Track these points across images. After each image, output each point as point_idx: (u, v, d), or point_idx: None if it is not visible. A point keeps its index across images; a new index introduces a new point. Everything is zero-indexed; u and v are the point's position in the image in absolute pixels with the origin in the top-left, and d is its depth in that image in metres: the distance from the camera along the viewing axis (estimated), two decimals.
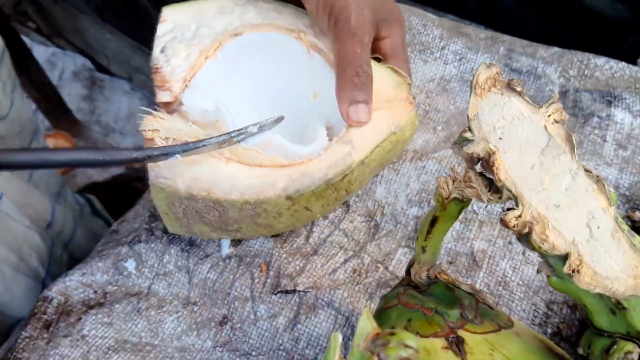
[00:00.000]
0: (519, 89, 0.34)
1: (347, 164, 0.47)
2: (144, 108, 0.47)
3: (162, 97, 0.50)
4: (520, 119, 0.33)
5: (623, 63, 0.69)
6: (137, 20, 1.40)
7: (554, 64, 0.68)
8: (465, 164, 0.34)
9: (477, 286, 0.53)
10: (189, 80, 0.51)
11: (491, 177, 0.33)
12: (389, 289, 0.53)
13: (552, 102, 0.33)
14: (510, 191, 0.32)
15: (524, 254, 0.54)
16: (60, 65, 1.75)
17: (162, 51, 0.52)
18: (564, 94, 0.66)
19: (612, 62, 0.69)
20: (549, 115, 0.33)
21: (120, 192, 1.40)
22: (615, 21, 0.90)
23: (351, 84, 0.47)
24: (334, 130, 0.52)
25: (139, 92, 1.69)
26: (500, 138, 0.33)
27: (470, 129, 0.33)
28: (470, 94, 0.34)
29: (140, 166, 0.44)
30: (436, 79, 0.68)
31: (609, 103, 0.64)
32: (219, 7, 0.54)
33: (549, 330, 0.51)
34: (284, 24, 0.53)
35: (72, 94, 1.71)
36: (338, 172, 0.46)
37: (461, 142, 0.34)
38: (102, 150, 0.40)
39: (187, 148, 0.42)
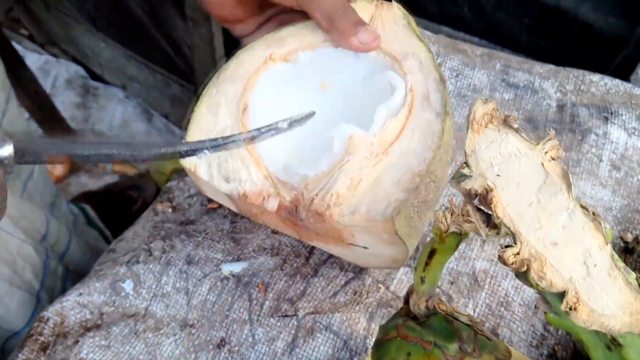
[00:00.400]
0: (515, 125, 0.34)
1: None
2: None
3: None
4: (518, 155, 0.34)
5: (617, 80, 0.69)
6: (131, 29, 1.40)
7: (550, 79, 0.69)
8: (464, 199, 0.35)
9: (479, 307, 0.53)
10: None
11: (489, 212, 0.34)
12: (390, 309, 0.53)
13: (549, 139, 0.34)
14: (508, 228, 0.32)
15: None
16: (53, 73, 1.74)
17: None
18: (561, 108, 0.67)
19: (607, 79, 0.69)
20: (546, 152, 0.34)
21: (114, 201, 1.40)
22: (608, 34, 0.91)
23: (344, 22, 0.48)
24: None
25: (133, 100, 1.69)
26: (497, 175, 0.33)
27: (468, 165, 0.34)
28: (468, 130, 0.35)
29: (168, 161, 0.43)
30: None
31: (606, 119, 0.65)
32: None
33: (545, 352, 0.52)
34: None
35: (65, 102, 1.70)
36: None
37: (459, 177, 0.34)
38: (132, 145, 0.38)
39: (216, 144, 0.41)
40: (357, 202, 0.45)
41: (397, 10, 0.53)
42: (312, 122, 0.50)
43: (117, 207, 1.35)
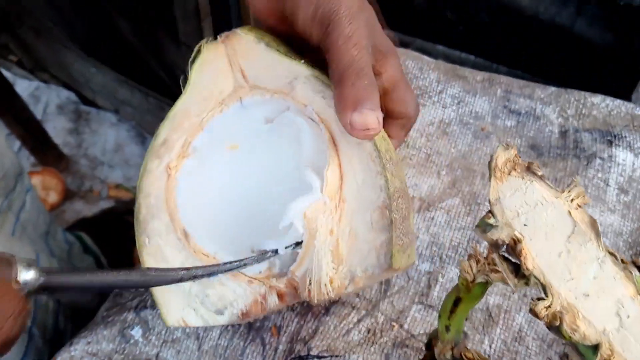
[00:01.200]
0: (539, 173, 0.34)
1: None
2: None
3: None
4: (544, 204, 0.33)
5: (619, 100, 0.69)
6: (123, 53, 1.39)
7: (551, 104, 0.68)
8: (489, 247, 0.34)
9: (495, 343, 0.52)
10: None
11: (517, 262, 0.33)
12: (405, 349, 0.52)
13: (574, 186, 0.33)
14: (538, 280, 0.32)
15: None
16: (44, 99, 1.72)
17: None
18: (564, 134, 0.67)
19: (608, 100, 0.69)
20: (572, 200, 0.33)
21: (110, 227, 1.38)
22: (604, 49, 0.91)
23: (352, 88, 0.41)
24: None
25: (125, 123, 1.68)
26: (525, 224, 0.32)
27: (493, 214, 0.33)
28: (490, 178, 0.34)
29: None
30: (435, 123, 0.67)
31: (610, 143, 0.64)
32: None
33: None
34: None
35: (57, 128, 1.69)
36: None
37: (484, 226, 0.33)
38: (150, 272, 0.40)
39: (230, 267, 0.43)
40: (349, 269, 0.43)
41: (246, 35, 0.49)
42: (244, 196, 0.51)
43: (114, 232, 1.33)
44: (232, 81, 0.49)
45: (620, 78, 0.90)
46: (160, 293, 0.47)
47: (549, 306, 0.31)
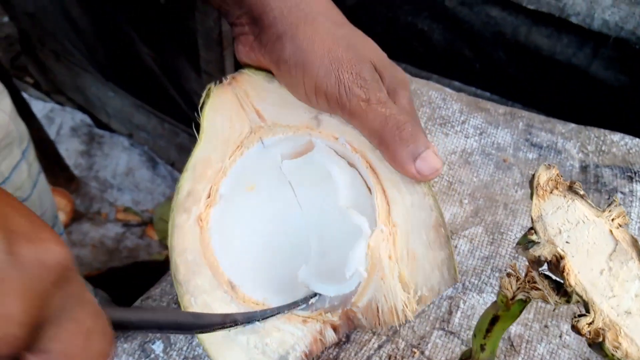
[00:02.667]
0: (581, 192, 0.34)
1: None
2: None
3: None
4: (585, 222, 0.34)
5: (637, 139, 0.70)
6: (141, 79, 1.41)
7: (572, 140, 0.70)
8: (529, 264, 0.34)
9: None
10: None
11: (558, 279, 0.33)
12: None
13: (615, 206, 0.34)
14: (580, 297, 0.32)
15: (560, 337, 0.54)
16: (58, 121, 1.74)
17: None
18: (584, 169, 0.67)
19: (627, 138, 0.70)
20: (613, 219, 0.34)
21: (120, 281, 1.35)
22: (620, 91, 0.93)
23: (401, 143, 0.41)
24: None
25: (138, 148, 1.69)
26: (567, 242, 0.33)
27: (535, 231, 0.34)
28: (532, 195, 0.35)
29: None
30: (457, 152, 0.68)
31: (630, 179, 0.65)
32: None
33: None
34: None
35: (69, 150, 1.70)
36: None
37: (526, 243, 0.34)
38: (195, 315, 0.41)
39: (266, 315, 0.44)
40: (415, 287, 0.44)
41: (254, 75, 0.48)
42: (280, 236, 0.51)
43: (123, 286, 1.29)
44: (248, 122, 0.49)
45: (637, 118, 0.92)
46: (218, 354, 0.44)
47: (591, 323, 0.31)
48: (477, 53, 1.01)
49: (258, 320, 0.43)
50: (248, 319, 0.43)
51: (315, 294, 0.46)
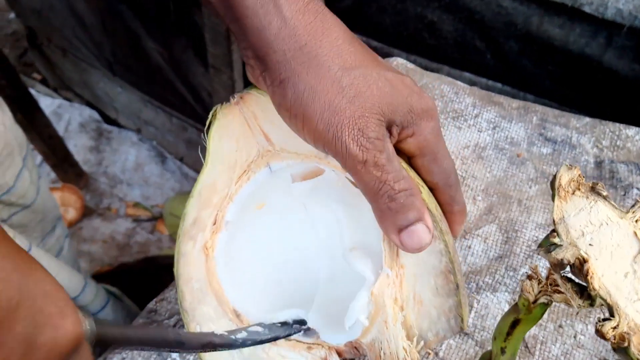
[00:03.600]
0: (604, 193, 0.33)
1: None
2: None
3: None
4: (609, 224, 0.33)
5: None
6: (149, 74, 1.41)
7: (587, 134, 0.68)
8: (551, 267, 0.34)
9: None
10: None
11: (581, 282, 0.33)
12: None
13: (639, 207, 0.33)
14: (604, 300, 0.31)
15: (574, 337, 0.53)
16: (66, 117, 1.74)
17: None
18: (599, 164, 0.66)
19: None
20: (637, 221, 0.33)
21: (131, 276, 1.35)
22: (633, 81, 0.92)
23: (389, 213, 0.39)
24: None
25: (146, 143, 1.69)
26: (590, 244, 0.32)
27: (557, 233, 0.33)
28: (554, 197, 0.34)
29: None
30: (471, 146, 0.68)
31: None
32: None
33: None
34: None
35: (78, 146, 1.70)
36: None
37: (548, 245, 0.33)
38: (200, 336, 0.41)
39: (246, 344, 0.43)
40: (420, 333, 0.43)
41: (263, 95, 0.45)
42: (285, 263, 0.50)
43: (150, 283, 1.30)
44: (256, 146, 0.47)
45: None
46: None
47: (616, 327, 0.30)
48: (489, 44, 1.00)
49: (236, 347, 0.43)
50: (226, 345, 0.42)
51: (302, 325, 0.45)
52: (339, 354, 0.45)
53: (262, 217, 0.50)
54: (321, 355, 0.45)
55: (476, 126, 0.69)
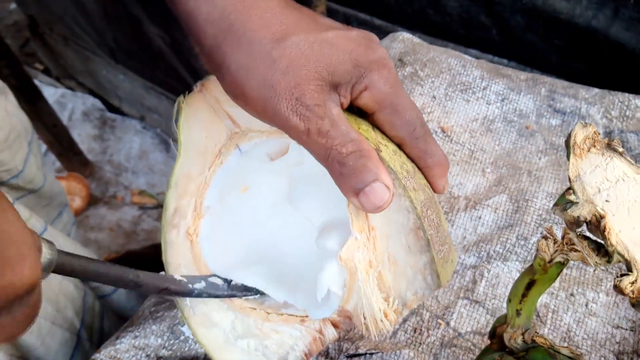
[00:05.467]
0: (620, 149, 0.33)
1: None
2: None
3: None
4: (625, 180, 0.32)
5: None
6: (151, 60, 1.40)
7: (596, 105, 0.68)
8: (567, 226, 0.33)
9: None
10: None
11: (598, 240, 0.32)
12: (454, 349, 0.51)
13: None
14: (622, 256, 0.31)
15: (586, 305, 0.53)
16: (70, 106, 1.74)
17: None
18: (608, 134, 0.66)
19: None
20: None
21: (138, 263, 1.36)
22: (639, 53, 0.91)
23: (342, 178, 0.38)
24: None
25: (150, 130, 1.69)
26: (607, 200, 0.32)
27: (573, 191, 0.32)
28: (569, 155, 0.33)
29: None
30: (479, 119, 0.67)
31: None
32: None
33: None
34: None
35: (82, 135, 1.70)
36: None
37: (564, 204, 0.33)
38: (143, 277, 0.41)
39: (201, 295, 0.45)
40: (398, 295, 0.42)
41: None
42: (270, 240, 0.50)
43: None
44: (224, 129, 0.48)
45: None
46: (221, 357, 0.45)
47: (635, 282, 0.30)
48: (494, 19, 0.99)
49: (191, 296, 0.44)
50: (182, 293, 0.43)
51: (254, 290, 0.46)
52: (335, 325, 0.45)
53: (246, 201, 0.50)
54: (315, 327, 0.45)
55: (484, 99, 0.68)
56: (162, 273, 0.45)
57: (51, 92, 1.75)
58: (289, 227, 0.51)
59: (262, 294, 0.47)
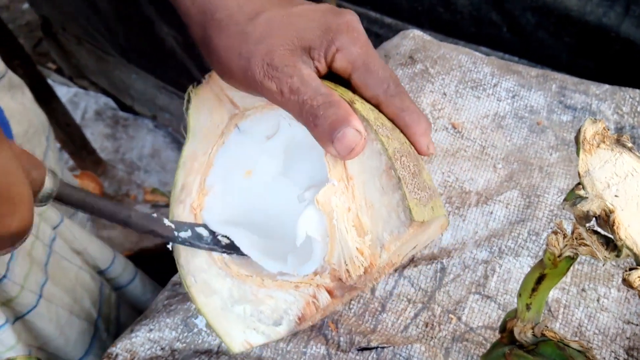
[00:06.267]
0: (629, 144, 0.33)
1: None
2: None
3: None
4: (635, 175, 0.33)
5: None
6: (164, 60, 1.41)
7: (607, 101, 0.68)
8: (576, 220, 0.34)
9: None
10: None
11: (607, 234, 0.33)
12: (465, 343, 0.52)
13: None
14: (631, 250, 0.31)
15: (598, 300, 0.53)
16: (82, 105, 1.76)
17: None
18: (620, 130, 0.66)
19: None
20: None
21: (152, 260, 1.37)
22: None
23: (317, 129, 0.41)
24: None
25: (162, 129, 1.70)
26: (616, 195, 0.32)
27: (583, 186, 0.33)
28: (578, 150, 0.34)
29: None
30: (490, 116, 0.67)
31: None
32: None
33: None
34: None
35: (95, 134, 1.72)
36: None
37: (573, 199, 0.33)
38: (134, 214, 0.45)
39: (177, 241, 0.48)
40: (376, 237, 0.43)
41: None
42: (270, 213, 0.52)
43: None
44: (226, 112, 0.52)
45: None
46: (220, 325, 0.48)
47: None
48: (505, 17, 0.99)
49: (175, 242, 0.47)
50: (167, 237, 0.47)
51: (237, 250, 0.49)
52: (329, 292, 0.46)
53: (247, 180, 0.53)
54: (309, 292, 0.46)
55: (495, 95, 0.68)
56: (154, 215, 0.47)
57: (64, 92, 1.77)
58: (282, 197, 0.53)
59: (243, 254, 0.49)
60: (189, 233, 0.48)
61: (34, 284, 0.60)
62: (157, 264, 1.26)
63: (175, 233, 0.47)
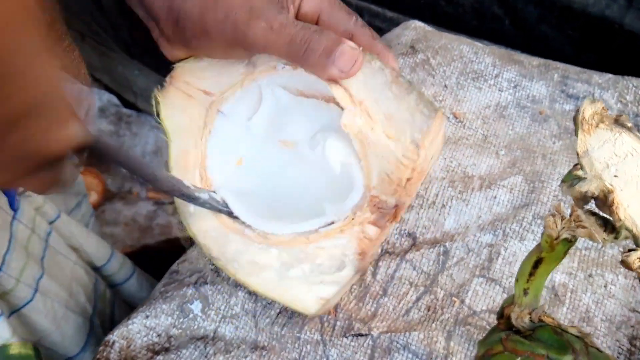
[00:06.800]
0: (628, 124, 0.33)
1: None
2: None
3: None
4: (634, 155, 0.32)
5: None
6: (166, 56, 1.41)
7: (610, 90, 0.67)
8: (574, 202, 0.33)
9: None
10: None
11: (606, 216, 0.32)
12: (468, 327, 0.51)
13: None
14: (630, 231, 0.31)
15: (605, 287, 0.52)
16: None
17: None
18: None
19: None
20: None
21: (154, 257, 1.37)
22: None
23: (313, 52, 0.43)
24: None
25: None
26: (615, 176, 0.32)
27: (581, 166, 0.32)
28: (577, 131, 0.33)
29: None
30: (492, 106, 0.67)
31: None
32: None
33: None
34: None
35: (98, 130, 1.72)
36: None
37: (571, 180, 0.32)
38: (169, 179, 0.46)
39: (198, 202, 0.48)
40: (408, 138, 0.45)
41: (186, 64, 0.53)
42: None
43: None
44: (202, 104, 0.52)
45: None
46: (285, 295, 0.47)
47: None
48: (507, 10, 0.98)
49: (195, 203, 0.48)
50: (189, 197, 0.47)
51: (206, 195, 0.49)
52: (372, 223, 0.47)
53: (249, 161, 0.54)
54: (356, 230, 0.47)
55: (497, 86, 0.68)
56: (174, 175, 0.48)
57: None
58: (289, 163, 0.54)
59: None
60: (207, 196, 0.48)
61: (30, 277, 0.60)
62: (159, 260, 1.27)
63: (196, 194, 0.47)
